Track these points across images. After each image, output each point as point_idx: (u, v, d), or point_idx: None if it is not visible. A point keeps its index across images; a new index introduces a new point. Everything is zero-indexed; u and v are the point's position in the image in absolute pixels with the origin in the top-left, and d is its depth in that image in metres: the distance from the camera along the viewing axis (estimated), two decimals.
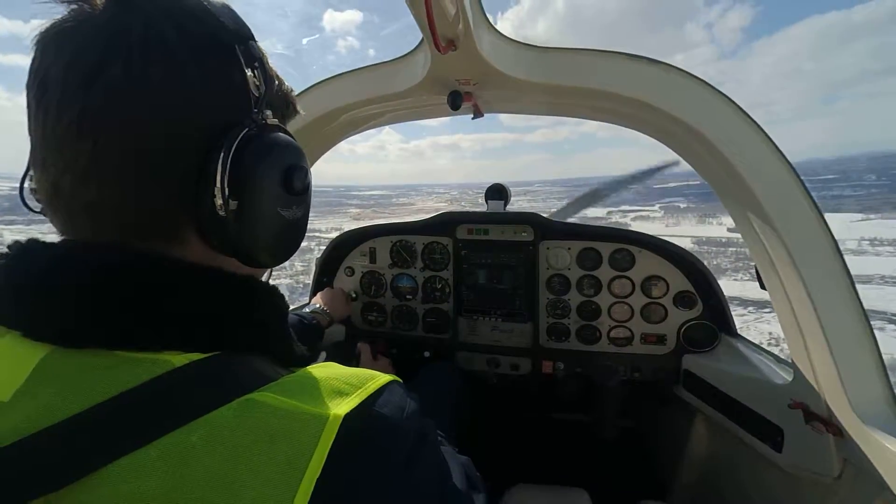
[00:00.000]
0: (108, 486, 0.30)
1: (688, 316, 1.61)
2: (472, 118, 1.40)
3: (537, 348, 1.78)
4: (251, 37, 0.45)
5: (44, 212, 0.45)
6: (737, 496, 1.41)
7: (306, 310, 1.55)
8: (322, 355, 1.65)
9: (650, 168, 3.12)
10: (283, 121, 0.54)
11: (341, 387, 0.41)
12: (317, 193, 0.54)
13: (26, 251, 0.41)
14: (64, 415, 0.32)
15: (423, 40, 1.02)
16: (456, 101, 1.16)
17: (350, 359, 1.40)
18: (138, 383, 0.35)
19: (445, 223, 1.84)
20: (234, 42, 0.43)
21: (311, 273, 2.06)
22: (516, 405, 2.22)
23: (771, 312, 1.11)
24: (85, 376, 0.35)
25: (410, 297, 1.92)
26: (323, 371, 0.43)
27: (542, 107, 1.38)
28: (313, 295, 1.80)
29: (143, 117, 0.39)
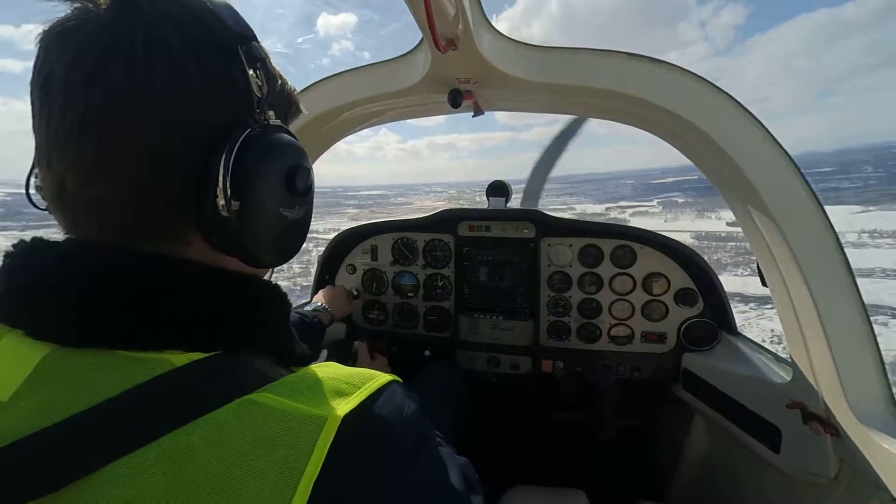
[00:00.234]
0: (107, 487, 0.30)
1: (689, 314, 1.61)
2: (473, 116, 1.40)
3: (537, 347, 1.78)
4: (253, 37, 0.44)
5: (49, 210, 0.45)
6: (735, 496, 1.42)
7: (308, 308, 1.55)
8: (323, 353, 1.66)
9: (565, 130, 3.18)
10: (285, 121, 0.54)
11: (341, 387, 0.41)
12: (315, 194, 0.54)
13: (30, 250, 0.41)
14: (63, 415, 0.33)
15: (423, 39, 1.01)
16: (456, 99, 1.16)
17: (347, 358, 1.40)
18: (138, 383, 0.35)
19: (447, 220, 1.84)
20: (237, 42, 0.43)
21: (310, 275, 2.06)
22: (516, 404, 2.23)
23: (773, 309, 1.11)
24: (85, 376, 0.35)
25: (412, 294, 1.91)
26: (323, 371, 0.43)
27: (542, 105, 1.37)
28: (315, 293, 1.80)
29: (144, 117, 0.39)
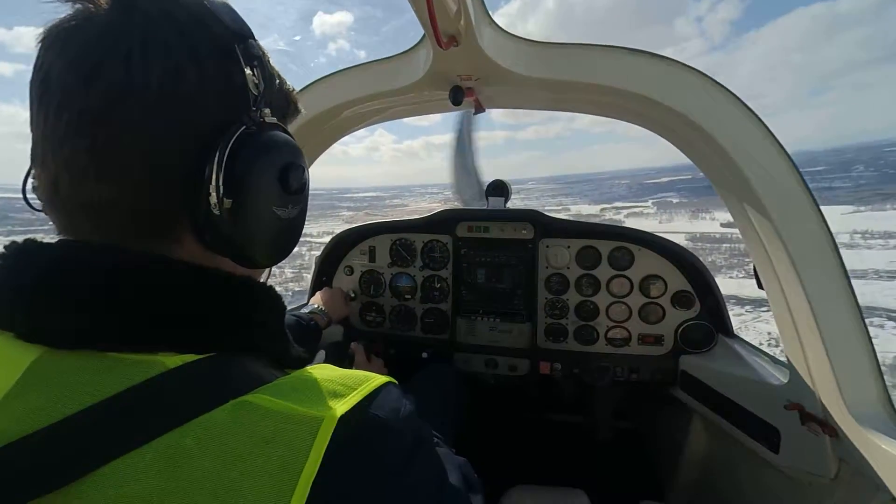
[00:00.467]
0: (100, 490, 0.30)
1: (685, 316, 1.61)
2: (474, 113, 1.40)
3: (535, 349, 1.78)
4: (251, 35, 0.44)
5: (45, 210, 0.44)
6: (734, 497, 1.42)
7: (304, 310, 1.54)
8: (320, 355, 1.64)
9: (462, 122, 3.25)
10: (283, 120, 0.53)
11: (337, 388, 0.41)
12: (309, 195, 0.53)
13: (22, 252, 0.40)
14: (56, 417, 0.32)
15: (424, 36, 1.00)
16: (457, 96, 1.15)
17: (343, 360, 1.39)
18: (131, 385, 0.34)
19: (446, 221, 1.83)
20: (234, 41, 0.43)
21: (302, 281, 2.06)
22: (514, 406, 2.23)
23: (769, 311, 1.11)
24: (77, 378, 0.35)
25: (409, 296, 1.91)
26: (318, 372, 0.43)
27: (543, 102, 1.37)
28: (312, 294, 1.79)
29: (141, 117, 0.39)
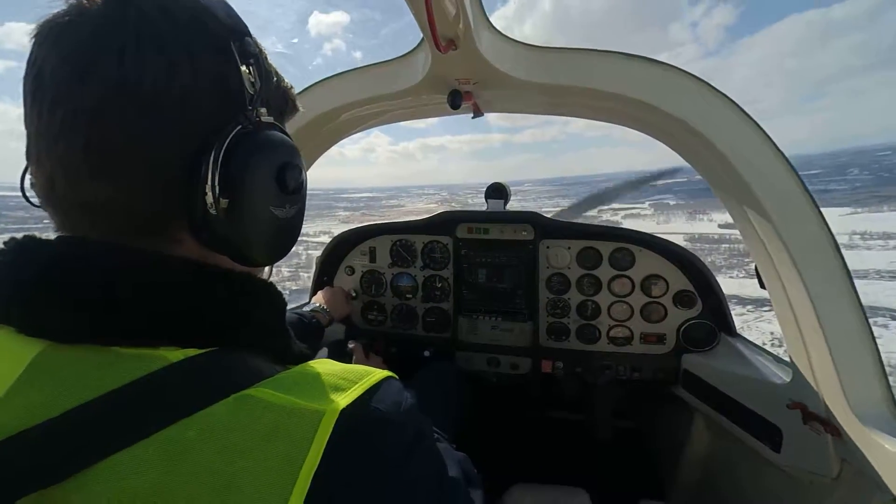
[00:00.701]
0: (102, 482, 0.30)
1: (687, 315, 1.61)
2: (472, 117, 1.40)
3: (537, 348, 1.78)
4: (247, 32, 0.44)
5: (42, 207, 0.44)
6: (735, 496, 1.42)
7: (306, 308, 1.55)
8: (322, 353, 1.64)
9: (653, 173, 3.19)
10: (281, 118, 0.53)
11: (338, 382, 0.41)
12: (307, 195, 0.53)
13: (21, 248, 0.40)
14: (58, 411, 0.32)
15: (423, 40, 1.01)
16: (456, 100, 1.16)
17: (347, 357, 1.39)
18: (133, 379, 0.34)
19: (446, 222, 1.84)
20: (229, 38, 0.42)
21: (299, 279, 2.05)
22: (516, 405, 2.23)
23: (771, 311, 1.11)
24: (80, 373, 0.35)
25: (410, 296, 1.91)
26: (319, 367, 0.43)
27: (541, 106, 1.38)
28: (313, 293, 1.79)
29: (135, 114, 0.38)
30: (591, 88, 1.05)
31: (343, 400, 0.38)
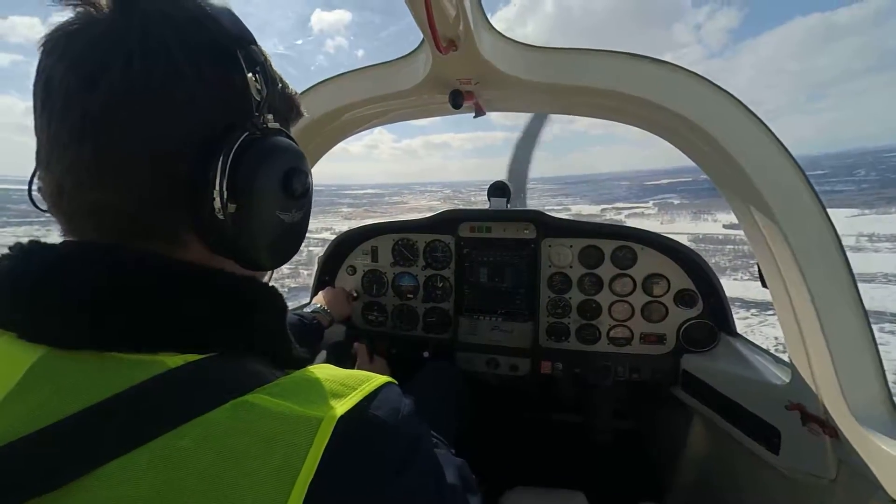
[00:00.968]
0: (99, 489, 0.30)
1: (688, 315, 1.61)
2: (474, 117, 1.40)
3: (537, 348, 1.78)
4: (252, 41, 0.44)
5: (50, 212, 0.45)
6: (734, 497, 1.41)
7: (307, 309, 1.55)
8: (321, 355, 1.65)
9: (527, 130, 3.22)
10: (286, 124, 0.54)
11: (336, 388, 0.41)
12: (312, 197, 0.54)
13: (26, 252, 0.41)
14: (57, 416, 0.32)
15: (423, 41, 1.01)
16: (457, 100, 1.16)
17: (346, 359, 1.39)
18: (132, 385, 0.34)
19: (448, 221, 1.84)
20: (235, 46, 0.43)
21: (298, 277, 2.06)
22: (515, 406, 2.23)
23: (776, 314, 1.11)
24: (79, 378, 0.35)
25: (411, 296, 1.91)
26: (318, 373, 0.43)
27: (543, 105, 1.38)
28: (314, 294, 1.80)
29: (143, 121, 0.39)
30: (592, 87, 1.05)
31: (341, 407, 0.38)
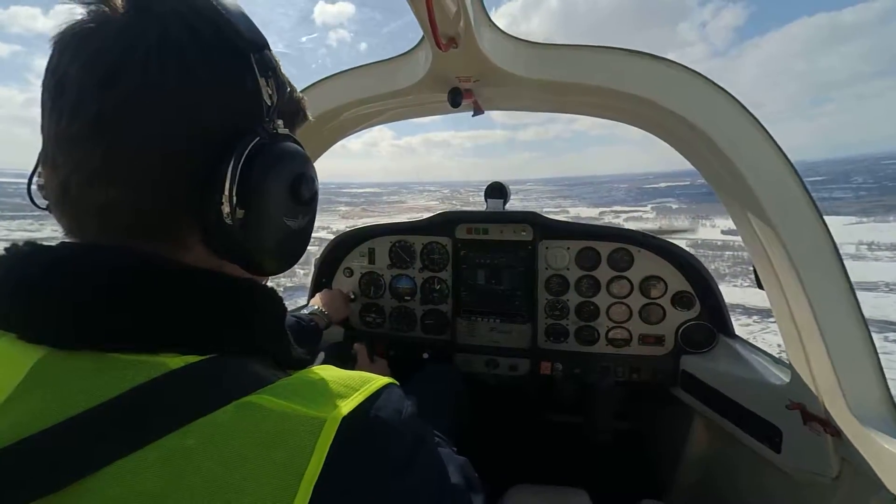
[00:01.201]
0: (102, 490, 0.30)
1: (686, 316, 1.61)
2: (473, 115, 1.40)
3: (536, 349, 1.77)
4: (266, 45, 0.44)
5: (49, 209, 0.45)
6: (735, 497, 1.41)
7: (305, 311, 1.55)
8: (320, 356, 1.64)
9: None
10: (292, 128, 0.54)
11: (339, 389, 0.41)
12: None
13: (24, 253, 0.41)
14: (59, 418, 0.32)
15: (423, 38, 1.01)
16: (456, 98, 1.16)
17: (345, 361, 1.39)
18: (133, 386, 0.34)
19: (445, 223, 1.84)
20: (249, 50, 0.43)
21: (294, 276, 2.06)
22: (515, 406, 2.22)
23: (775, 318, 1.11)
24: (80, 379, 0.35)
25: (409, 298, 1.91)
26: (320, 373, 0.43)
27: (543, 104, 1.38)
28: (312, 296, 1.79)
29: (157, 120, 0.39)
30: (592, 85, 1.05)
31: (344, 407, 0.38)
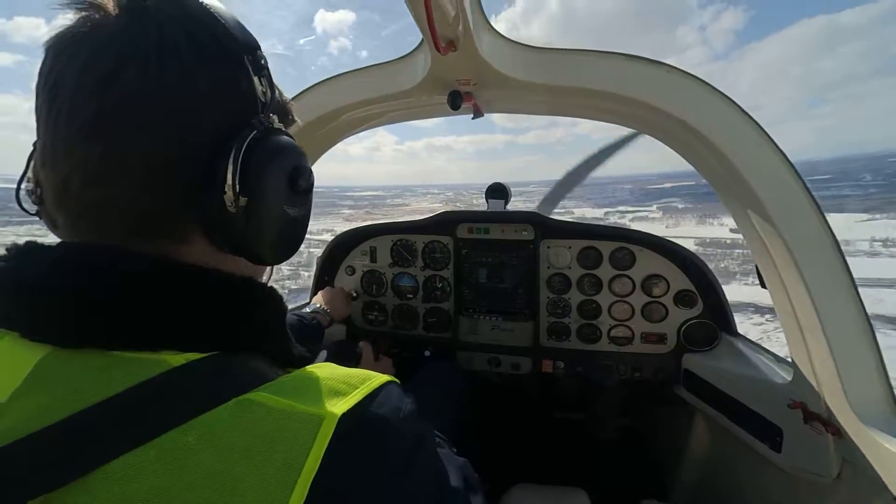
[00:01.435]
0: (104, 487, 0.30)
1: (688, 315, 1.61)
2: (472, 118, 1.40)
3: (538, 347, 1.78)
4: (258, 47, 0.46)
5: (40, 213, 0.46)
6: (736, 496, 1.41)
7: (307, 309, 1.56)
8: (322, 355, 1.65)
9: (616, 142, 3.19)
10: (283, 127, 0.55)
11: (338, 387, 0.41)
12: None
13: (26, 253, 0.41)
14: (61, 415, 0.33)
15: (423, 41, 1.02)
16: (456, 101, 1.16)
17: (351, 358, 1.40)
18: (135, 383, 0.35)
19: (446, 222, 1.84)
20: (243, 51, 0.44)
21: (299, 278, 2.07)
22: (517, 404, 2.23)
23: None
24: (83, 377, 0.35)
25: (411, 296, 1.92)
26: (320, 371, 0.43)
27: (541, 107, 1.38)
28: (314, 294, 1.81)
29: (155, 119, 0.40)
30: (591, 88, 1.05)
31: (343, 405, 0.39)
